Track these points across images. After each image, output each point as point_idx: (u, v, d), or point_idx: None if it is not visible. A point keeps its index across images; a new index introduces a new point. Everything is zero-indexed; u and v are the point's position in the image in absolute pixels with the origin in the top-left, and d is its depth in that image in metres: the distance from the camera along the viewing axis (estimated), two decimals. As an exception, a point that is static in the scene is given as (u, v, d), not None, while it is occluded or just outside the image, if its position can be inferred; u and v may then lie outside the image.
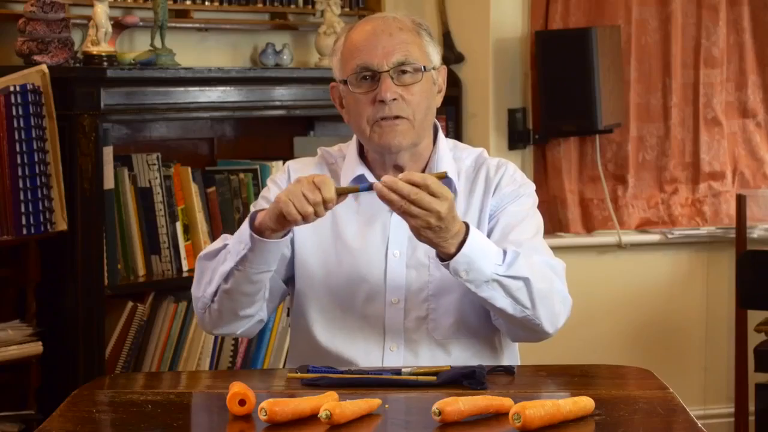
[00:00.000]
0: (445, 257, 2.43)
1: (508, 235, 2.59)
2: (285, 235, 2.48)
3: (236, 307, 2.57)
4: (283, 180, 2.70)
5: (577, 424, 2.10)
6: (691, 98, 4.86)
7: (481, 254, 2.43)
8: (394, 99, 2.54)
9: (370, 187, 2.40)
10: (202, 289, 2.58)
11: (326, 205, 2.38)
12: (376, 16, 2.66)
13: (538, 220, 2.67)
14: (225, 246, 2.55)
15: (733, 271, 4.67)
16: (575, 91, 4.50)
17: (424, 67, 2.58)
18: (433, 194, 2.35)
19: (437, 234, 2.38)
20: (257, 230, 2.46)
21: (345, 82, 2.59)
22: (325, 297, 2.62)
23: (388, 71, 2.54)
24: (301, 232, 2.63)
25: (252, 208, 2.69)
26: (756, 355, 4.53)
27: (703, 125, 4.86)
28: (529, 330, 2.54)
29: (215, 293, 2.55)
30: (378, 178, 2.61)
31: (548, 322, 2.52)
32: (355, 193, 2.48)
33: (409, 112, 2.56)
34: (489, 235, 2.60)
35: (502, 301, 2.47)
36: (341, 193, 2.41)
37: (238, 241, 2.50)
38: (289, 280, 2.68)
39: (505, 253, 2.48)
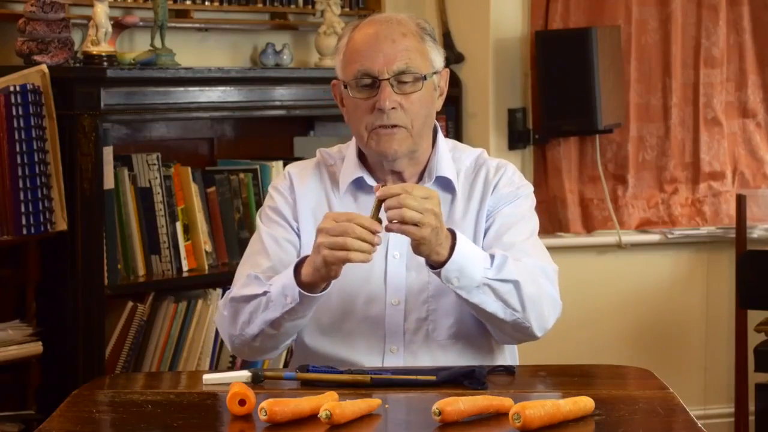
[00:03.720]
0: (436, 265, 2.43)
1: (502, 237, 2.59)
2: (329, 283, 2.47)
3: (279, 343, 2.58)
4: (285, 186, 2.68)
5: (577, 424, 2.10)
6: (691, 98, 4.86)
7: (470, 259, 2.43)
8: (393, 108, 2.52)
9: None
10: (239, 329, 2.56)
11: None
12: (381, 18, 2.61)
13: (533, 223, 2.66)
14: (265, 293, 2.51)
15: (733, 271, 4.67)
16: (575, 91, 4.50)
17: (426, 75, 2.55)
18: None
19: (438, 237, 2.38)
20: (303, 283, 2.45)
21: (345, 85, 2.57)
22: (326, 300, 2.59)
23: (389, 79, 2.52)
24: (303, 240, 2.63)
25: (257, 220, 2.69)
26: (756, 355, 4.52)
27: (703, 125, 4.86)
28: (517, 332, 2.54)
29: (257, 335, 2.54)
30: (377, 180, 2.62)
31: (537, 325, 2.52)
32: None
33: (407, 121, 2.54)
34: (484, 236, 2.60)
35: (492, 306, 2.47)
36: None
37: (282, 294, 2.48)
38: None
39: (492, 257, 2.48)
